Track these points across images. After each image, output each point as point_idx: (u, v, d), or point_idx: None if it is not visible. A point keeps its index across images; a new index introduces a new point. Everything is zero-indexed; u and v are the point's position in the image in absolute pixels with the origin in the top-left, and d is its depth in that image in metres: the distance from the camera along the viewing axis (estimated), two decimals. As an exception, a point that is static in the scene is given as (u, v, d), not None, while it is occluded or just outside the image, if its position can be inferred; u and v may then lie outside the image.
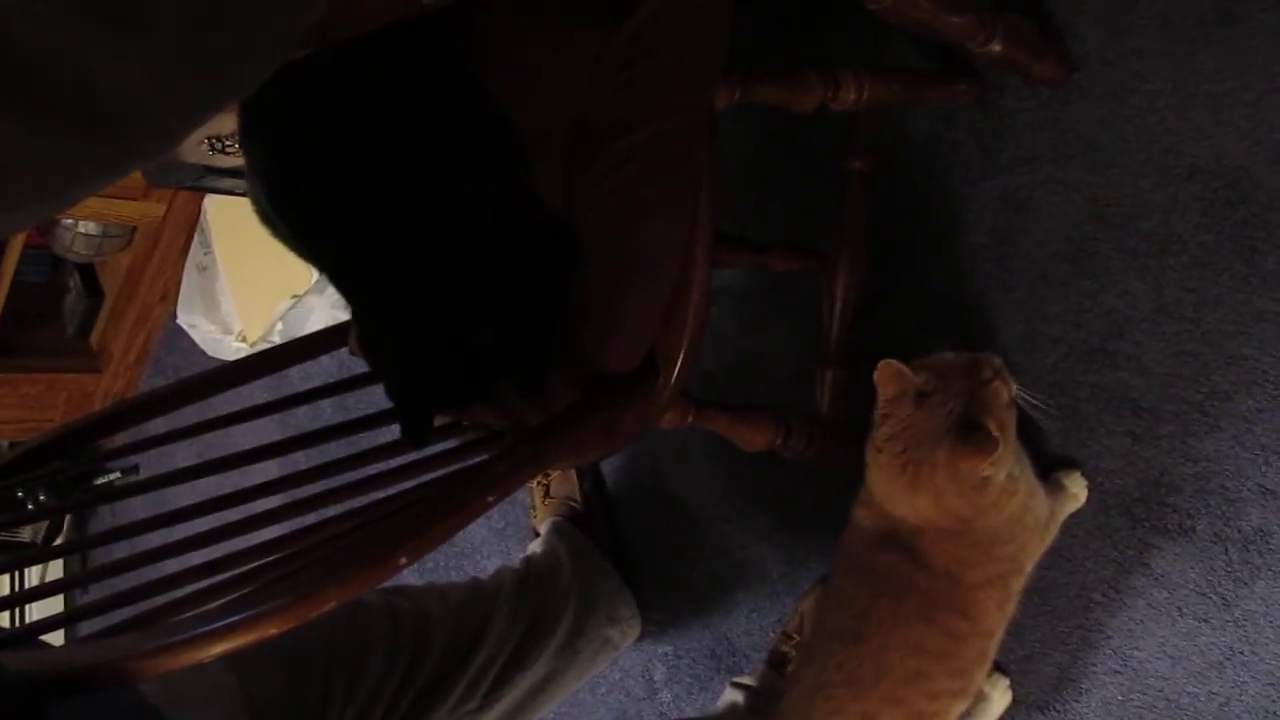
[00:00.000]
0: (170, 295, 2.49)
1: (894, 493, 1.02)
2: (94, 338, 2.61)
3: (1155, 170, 1.19)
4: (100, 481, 2.45)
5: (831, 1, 1.09)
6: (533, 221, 0.99)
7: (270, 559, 0.86)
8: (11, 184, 0.50)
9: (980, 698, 1.22)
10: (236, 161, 1.66)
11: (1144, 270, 1.20)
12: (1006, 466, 1.00)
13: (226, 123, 1.02)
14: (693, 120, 0.99)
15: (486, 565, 1.85)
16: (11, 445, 2.74)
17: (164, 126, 0.55)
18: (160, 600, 0.83)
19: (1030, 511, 1.06)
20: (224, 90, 0.59)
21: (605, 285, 0.98)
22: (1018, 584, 1.07)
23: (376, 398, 1.16)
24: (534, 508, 1.70)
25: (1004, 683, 1.24)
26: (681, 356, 1.00)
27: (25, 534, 2.64)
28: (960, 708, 1.06)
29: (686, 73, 0.99)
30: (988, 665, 1.08)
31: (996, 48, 1.16)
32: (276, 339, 2.18)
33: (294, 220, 0.97)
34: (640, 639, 1.58)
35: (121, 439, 1.40)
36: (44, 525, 2.62)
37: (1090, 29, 1.23)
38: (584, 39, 0.93)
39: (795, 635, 1.40)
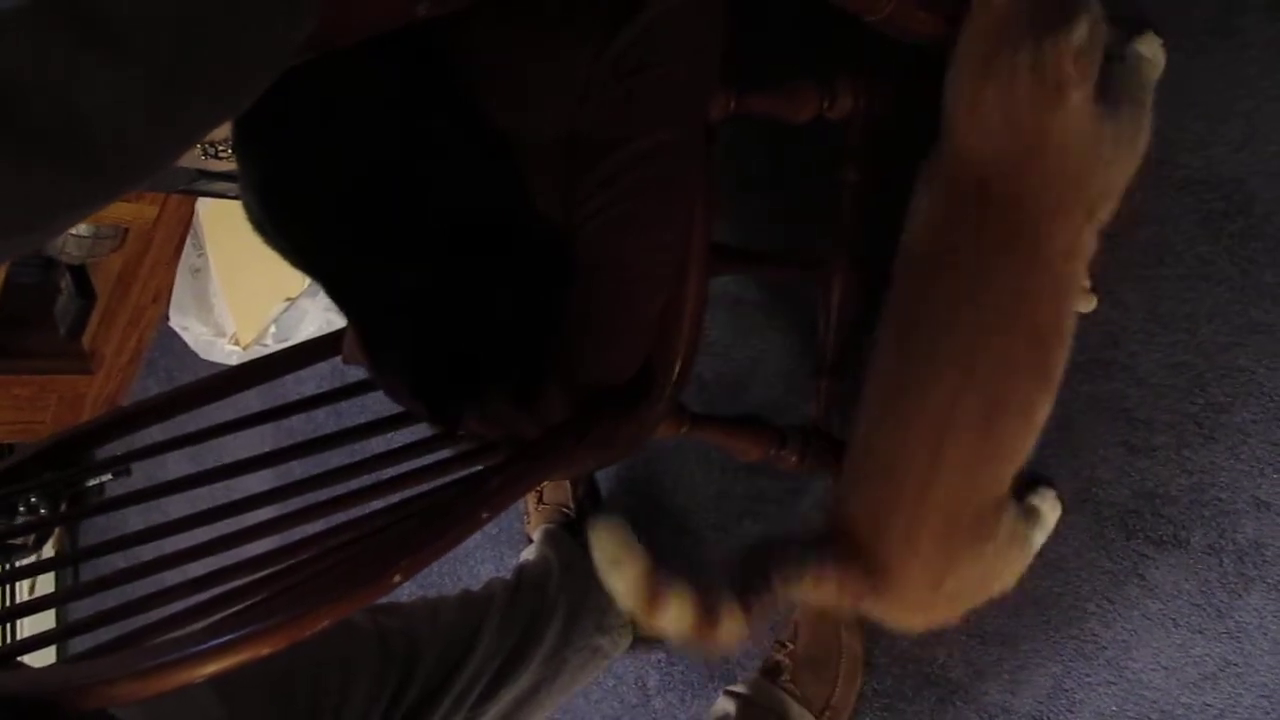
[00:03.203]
0: (163, 297, 2.48)
1: (967, 97, 0.99)
2: (86, 339, 2.60)
3: (1151, 181, 1.19)
4: (92, 483, 2.44)
5: (826, 12, 1.09)
6: (527, 232, 0.98)
7: (263, 574, 0.85)
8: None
9: (1030, 512, 1.19)
10: (230, 165, 1.65)
11: (1139, 281, 1.19)
12: (1087, 86, 0.97)
13: (220, 128, 1.02)
14: (689, 132, 0.98)
15: (480, 570, 1.85)
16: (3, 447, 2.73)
17: (154, 151, 0.55)
18: (152, 617, 0.82)
19: (1104, 142, 1.02)
20: (215, 113, 0.58)
21: (601, 297, 0.98)
22: (1088, 231, 1.02)
23: (372, 404, 1.16)
24: (528, 514, 1.70)
25: (1052, 494, 1.22)
26: (677, 368, 1.00)
27: (18, 540, 2.64)
28: (1042, 405, 1.03)
29: (682, 84, 0.98)
30: (1062, 350, 1.03)
31: (993, 58, 1.15)
32: (270, 342, 2.17)
33: (289, 232, 0.97)
34: (633, 646, 1.57)
35: (112, 449, 1.39)
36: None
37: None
38: (578, 50, 0.93)
39: (789, 644, 1.40)
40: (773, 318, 1.49)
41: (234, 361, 2.22)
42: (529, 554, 1.59)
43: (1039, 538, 1.20)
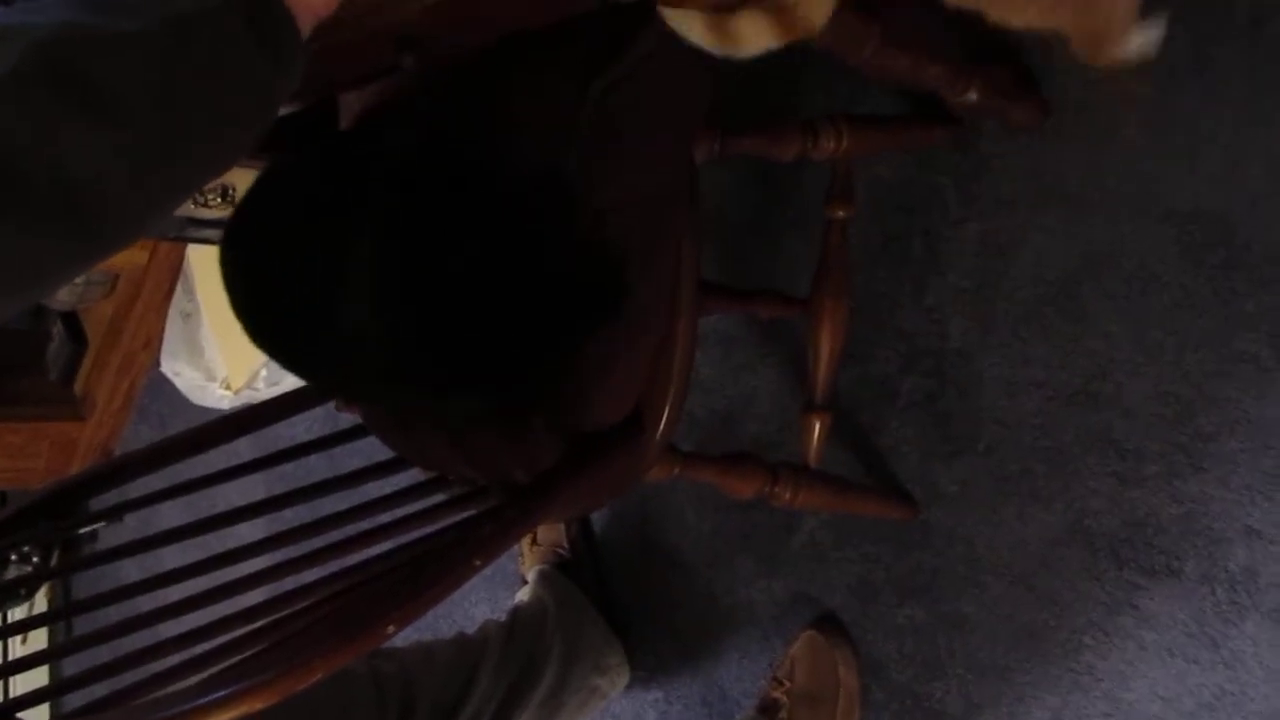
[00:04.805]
0: (154, 343, 2.48)
1: None
2: (78, 385, 2.60)
3: (1134, 213, 1.21)
4: (84, 530, 2.43)
5: (807, 55, 1.10)
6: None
7: (256, 626, 0.85)
8: None
9: None
10: (219, 213, 1.66)
11: (1125, 312, 1.20)
12: None
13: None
14: (675, 174, 0.99)
15: (474, 612, 1.84)
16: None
17: (143, 213, 0.55)
18: (146, 672, 0.82)
19: None
20: (204, 173, 0.59)
21: (591, 339, 0.98)
22: None
23: (365, 449, 1.17)
24: (522, 554, 1.70)
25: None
26: (667, 411, 1.00)
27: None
28: None
29: (669, 122, 0.99)
30: None
31: (973, 96, 1.17)
32: (261, 386, 2.17)
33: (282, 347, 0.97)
34: (630, 686, 1.57)
35: (106, 499, 1.39)
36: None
37: (1066, 74, 1.24)
38: (565, 91, 0.94)
39: (786, 681, 1.40)
40: (763, 354, 1.50)
41: (225, 406, 2.22)
42: (524, 595, 1.58)
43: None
